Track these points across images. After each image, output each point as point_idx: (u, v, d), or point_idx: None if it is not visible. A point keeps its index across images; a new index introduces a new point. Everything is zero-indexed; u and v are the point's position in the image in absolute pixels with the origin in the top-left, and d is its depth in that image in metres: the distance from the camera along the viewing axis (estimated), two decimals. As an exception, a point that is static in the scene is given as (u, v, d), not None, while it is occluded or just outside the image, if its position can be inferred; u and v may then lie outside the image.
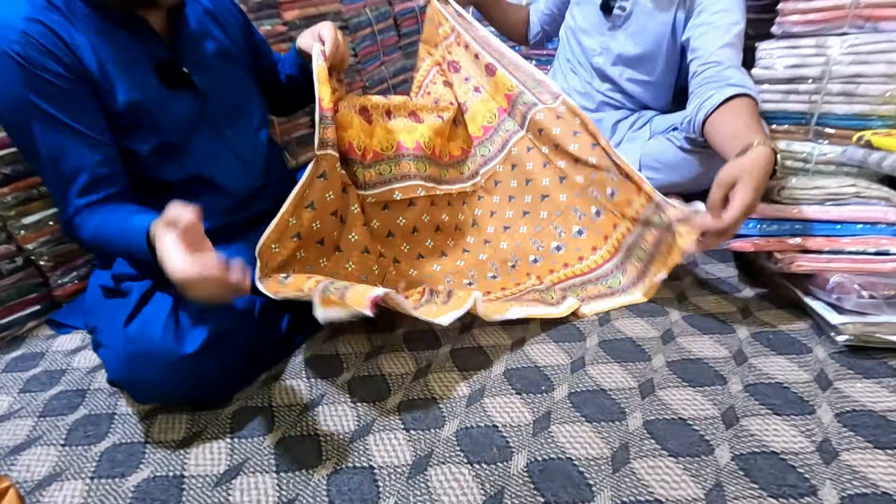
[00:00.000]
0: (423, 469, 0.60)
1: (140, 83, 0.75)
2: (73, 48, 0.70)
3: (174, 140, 0.78)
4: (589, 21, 1.22)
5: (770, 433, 0.61)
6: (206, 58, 0.84)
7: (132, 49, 0.75)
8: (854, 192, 0.86)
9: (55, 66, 0.68)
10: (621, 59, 1.18)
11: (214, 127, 0.83)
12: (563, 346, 0.80)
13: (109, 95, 0.73)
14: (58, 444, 0.69)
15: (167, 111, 0.78)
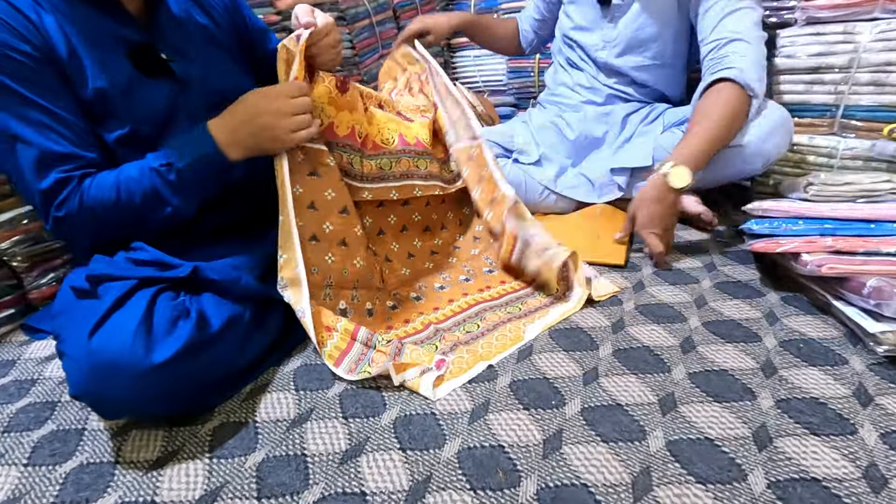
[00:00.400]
0: (422, 496, 0.54)
1: (112, 68, 0.70)
2: (40, 29, 0.66)
3: (145, 130, 0.74)
4: (587, 18, 1.17)
5: (809, 456, 0.55)
6: (188, 43, 0.79)
7: (104, 32, 0.70)
8: (890, 189, 0.79)
9: (23, 46, 0.65)
10: (627, 47, 1.13)
11: (194, 119, 0.76)
12: (574, 356, 0.73)
13: (79, 80, 0.69)
14: (20, 465, 0.63)
15: (140, 99, 0.73)
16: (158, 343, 0.58)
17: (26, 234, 0.92)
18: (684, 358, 0.71)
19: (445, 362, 0.72)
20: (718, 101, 0.91)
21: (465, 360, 0.74)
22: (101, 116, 0.71)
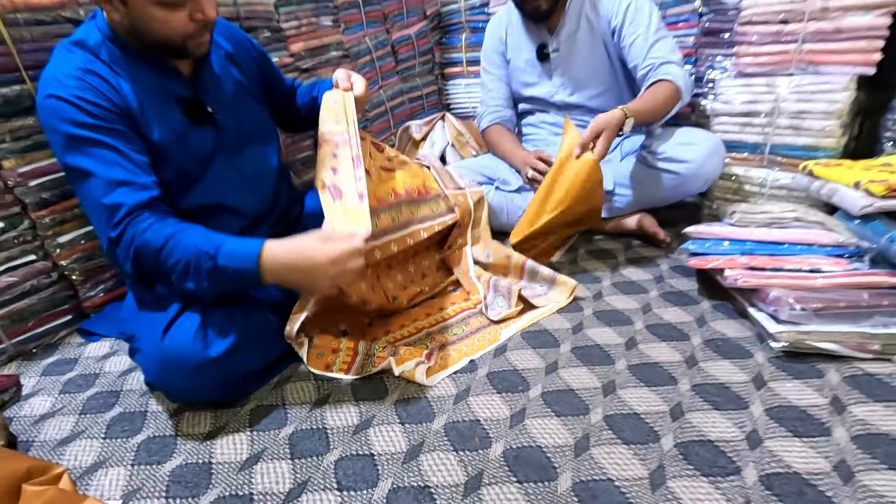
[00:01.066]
0: (416, 456, 0.71)
1: (170, 120, 0.86)
2: (116, 90, 0.81)
3: (194, 169, 0.89)
4: (534, 75, 1.38)
5: (709, 425, 0.73)
6: (225, 95, 0.95)
7: (163, 90, 0.85)
8: (794, 217, 0.98)
9: (105, 104, 0.79)
10: (576, 86, 1.33)
11: (230, 156, 0.93)
12: (539, 352, 0.91)
13: (146, 131, 0.83)
14: (99, 438, 0.80)
15: (191, 145, 0.89)
16: (213, 342, 0.76)
17: (83, 253, 1.09)
18: (627, 353, 0.89)
19: (433, 355, 0.89)
20: (659, 88, 1.14)
21: (451, 357, 0.91)
22: (161, 160, 0.86)
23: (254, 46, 1.05)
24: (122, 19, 0.77)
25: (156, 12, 0.75)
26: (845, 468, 0.64)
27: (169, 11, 0.76)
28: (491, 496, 0.64)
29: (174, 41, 0.79)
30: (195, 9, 0.77)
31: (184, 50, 0.82)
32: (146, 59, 0.84)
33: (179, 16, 0.77)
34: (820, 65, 1.08)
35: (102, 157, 0.78)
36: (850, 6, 1.02)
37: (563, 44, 1.31)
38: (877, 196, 0.88)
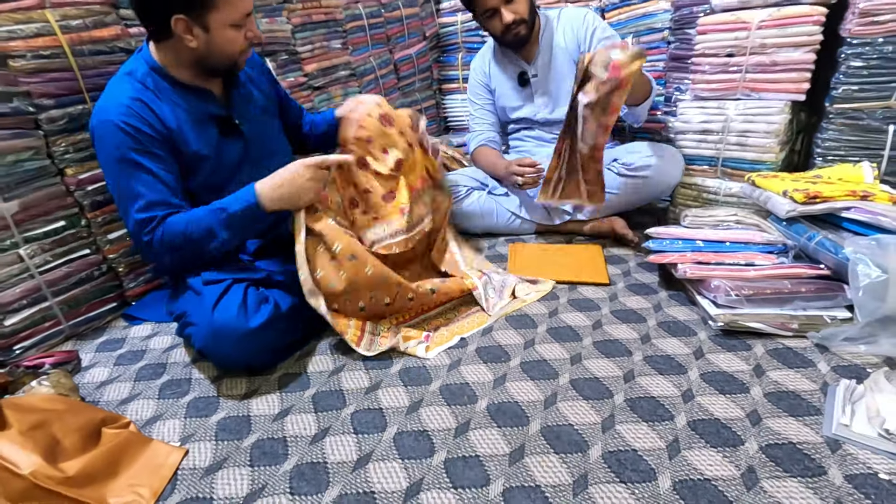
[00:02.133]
0: (416, 410, 0.88)
1: (204, 135, 1.04)
2: (160, 116, 0.99)
3: (224, 177, 1.07)
4: (517, 98, 1.59)
5: (653, 386, 0.90)
6: (250, 111, 1.13)
7: (199, 111, 1.04)
8: (735, 220, 1.16)
9: (148, 130, 0.97)
10: (555, 103, 1.53)
11: (254, 165, 1.11)
12: (520, 332, 1.08)
13: (182, 145, 1.01)
14: (153, 398, 0.96)
15: (223, 155, 1.07)
16: (252, 316, 0.93)
17: (127, 249, 1.26)
18: (593, 333, 1.07)
19: (430, 336, 1.07)
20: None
21: (446, 336, 1.09)
22: (194, 169, 1.04)
23: (266, 70, 1.24)
24: (199, 45, 0.97)
25: (229, 33, 0.97)
26: (756, 416, 0.82)
27: (237, 32, 0.98)
28: (476, 437, 0.81)
29: (234, 56, 1.01)
30: (248, 28, 1.00)
31: (236, 65, 1.03)
32: (184, 87, 1.02)
33: (240, 35, 0.99)
34: (760, 91, 1.27)
35: (139, 177, 0.96)
36: (782, 44, 1.21)
37: (541, 69, 1.50)
38: (798, 202, 1.06)
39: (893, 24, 1.11)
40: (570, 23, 1.49)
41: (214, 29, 0.95)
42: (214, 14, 0.94)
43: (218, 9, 0.94)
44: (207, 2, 0.92)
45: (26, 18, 1.05)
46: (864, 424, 0.76)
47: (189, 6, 0.92)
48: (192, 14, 0.93)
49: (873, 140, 1.20)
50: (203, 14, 0.93)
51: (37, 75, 1.07)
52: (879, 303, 0.89)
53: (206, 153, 1.04)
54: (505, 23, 1.39)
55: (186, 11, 0.92)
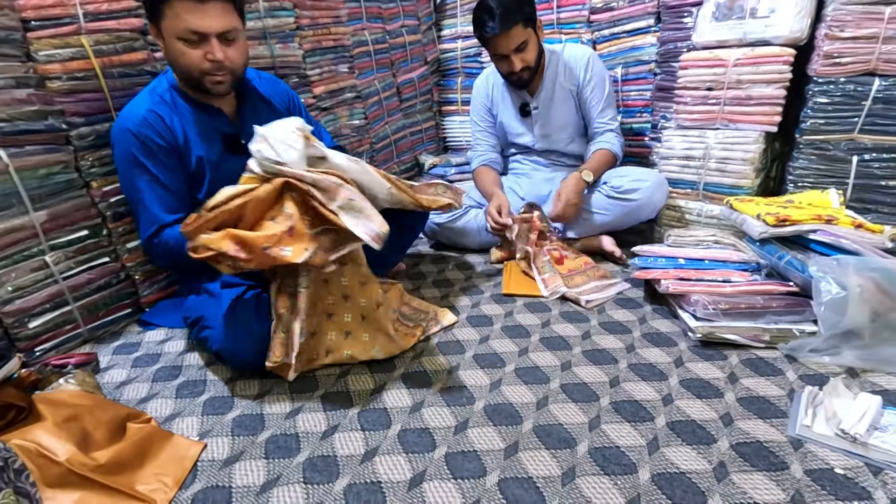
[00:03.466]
0: (419, 409, 0.95)
1: (209, 150, 1.14)
2: (171, 129, 1.10)
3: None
4: (518, 126, 1.70)
5: (636, 390, 0.98)
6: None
7: (208, 126, 1.14)
8: (714, 240, 1.26)
9: (159, 140, 1.08)
10: (552, 134, 1.64)
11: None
12: (515, 341, 1.16)
13: (187, 157, 1.12)
14: (171, 398, 1.03)
15: (225, 169, 1.14)
16: (265, 319, 1.00)
17: (143, 258, 1.33)
18: (582, 342, 1.15)
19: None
20: (602, 154, 1.55)
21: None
22: (199, 179, 1.13)
23: (291, 99, 1.32)
24: (165, 54, 1.06)
25: (177, 45, 1.02)
26: (728, 418, 0.90)
27: (187, 47, 1.01)
28: (474, 434, 0.89)
29: (193, 74, 1.05)
30: (207, 50, 1.02)
31: (201, 84, 1.07)
32: (197, 104, 1.13)
33: (196, 53, 1.02)
34: (737, 122, 1.38)
35: (148, 182, 1.08)
36: (756, 80, 1.32)
37: (542, 103, 1.61)
38: (770, 225, 1.16)
39: (854, 65, 1.23)
40: (572, 61, 1.59)
41: (167, 38, 1.03)
42: (164, 23, 1.01)
43: (165, 17, 1.00)
44: (158, 9, 1.00)
45: (63, 44, 1.13)
46: (823, 425, 0.84)
47: (150, 12, 1.03)
48: (153, 21, 1.03)
49: (839, 169, 1.31)
50: (157, 21, 1.02)
51: (70, 95, 1.15)
52: (840, 317, 0.98)
53: (208, 166, 1.13)
54: (512, 70, 1.49)
55: (150, 17, 1.04)
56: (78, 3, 1.14)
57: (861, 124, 1.25)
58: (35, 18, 1.10)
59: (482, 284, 1.45)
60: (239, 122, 1.18)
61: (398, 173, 2.24)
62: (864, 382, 0.97)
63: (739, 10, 1.33)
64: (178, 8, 0.98)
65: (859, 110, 1.25)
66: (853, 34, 1.21)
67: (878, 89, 1.23)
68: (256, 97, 1.23)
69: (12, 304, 1.10)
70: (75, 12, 1.15)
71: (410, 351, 1.14)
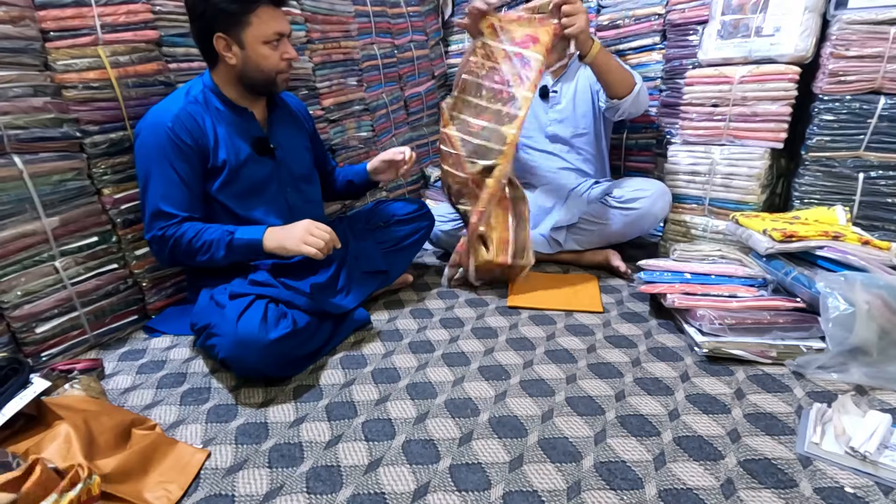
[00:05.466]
0: (423, 420, 0.95)
1: (238, 150, 1.18)
2: (203, 128, 1.14)
3: (254, 189, 1.20)
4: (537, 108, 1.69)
5: (642, 405, 0.97)
6: (286, 138, 1.27)
7: (240, 128, 1.19)
8: (720, 255, 1.26)
9: (188, 139, 1.12)
10: (566, 120, 1.64)
11: (281, 186, 1.24)
12: (520, 353, 1.16)
13: (214, 155, 1.15)
14: (176, 404, 1.03)
15: (251, 169, 1.19)
16: (272, 329, 1.01)
17: (152, 264, 1.34)
18: (587, 356, 1.14)
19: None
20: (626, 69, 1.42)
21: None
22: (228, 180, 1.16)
23: (308, 114, 1.39)
24: (238, 62, 1.11)
25: (263, 50, 1.11)
26: (735, 434, 0.89)
27: (271, 50, 1.11)
28: (479, 447, 0.88)
29: (271, 75, 1.14)
30: (284, 49, 1.14)
31: (275, 83, 1.16)
32: (230, 105, 1.18)
33: (276, 54, 1.12)
34: (743, 139, 1.38)
35: (170, 177, 1.12)
36: (761, 97, 1.33)
37: (563, 87, 1.63)
38: (776, 241, 1.16)
39: (859, 83, 1.24)
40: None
41: (249, 46, 1.10)
42: (248, 31, 1.08)
43: (252, 25, 1.08)
44: (242, 20, 1.07)
45: (81, 53, 1.16)
46: (832, 443, 0.83)
47: (227, 24, 1.08)
48: (230, 32, 1.09)
49: (846, 186, 1.31)
50: (239, 31, 1.08)
51: (86, 104, 1.17)
52: (848, 334, 0.98)
53: (233, 164, 1.17)
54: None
55: (225, 30, 1.08)
56: (96, 14, 1.17)
57: (867, 142, 1.26)
58: (54, 29, 1.12)
59: (487, 296, 1.45)
60: (268, 127, 1.25)
61: (404, 185, 2.26)
62: (873, 400, 0.96)
63: (745, 28, 1.34)
64: (264, 15, 1.08)
65: (865, 128, 1.25)
66: (858, 53, 1.22)
67: (883, 107, 1.23)
68: (284, 107, 1.31)
69: (21, 308, 1.10)
70: (93, 24, 1.17)
71: (414, 361, 1.14)
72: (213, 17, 1.08)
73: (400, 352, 1.18)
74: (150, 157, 1.11)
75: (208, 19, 1.08)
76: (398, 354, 1.17)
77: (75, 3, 1.14)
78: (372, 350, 1.19)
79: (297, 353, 1.08)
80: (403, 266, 1.47)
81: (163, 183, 1.11)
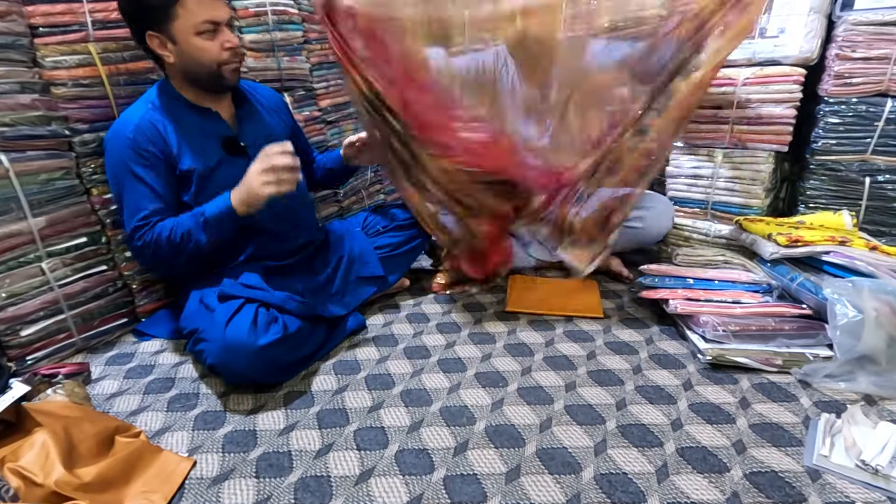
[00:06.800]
0: (417, 428, 0.92)
1: (207, 153, 1.13)
2: (164, 136, 1.09)
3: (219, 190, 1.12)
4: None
5: (644, 414, 0.94)
6: (258, 136, 1.20)
7: (206, 130, 1.14)
8: (723, 260, 1.23)
9: (150, 147, 1.08)
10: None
11: None
12: (518, 360, 1.13)
13: (179, 161, 1.10)
14: (162, 411, 1.00)
15: (225, 172, 1.13)
16: (261, 335, 0.97)
17: (141, 266, 1.31)
18: (587, 362, 1.11)
19: None
20: None
21: None
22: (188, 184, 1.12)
23: (283, 105, 1.35)
24: (176, 59, 1.06)
25: (197, 42, 1.04)
26: (741, 445, 0.86)
27: (206, 40, 1.04)
28: (474, 457, 0.85)
29: (212, 67, 1.07)
30: (224, 38, 1.05)
31: (220, 77, 1.09)
32: (194, 109, 1.13)
33: (214, 44, 1.05)
34: (746, 142, 1.36)
35: (138, 189, 1.08)
36: (765, 99, 1.31)
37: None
38: (781, 245, 1.13)
39: (865, 86, 1.22)
40: None
41: (181, 40, 1.03)
42: (177, 24, 1.01)
43: (179, 17, 1.01)
44: (168, 13, 1.01)
45: (71, 50, 1.13)
46: (842, 456, 0.80)
47: (155, 20, 1.02)
48: (159, 28, 1.02)
49: (852, 190, 1.28)
50: (167, 26, 1.02)
51: (75, 102, 1.15)
52: (856, 341, 0.95)
53: (202, 170, 1.12)
54: None
55: (154, 26, 1.03)
56: (87, 10, 1.15)
57: (874, 145, 1.23)
58: (43, 25, 1.10)
59: (485, 300, 1.42)
60: (237, 125, 1.19)
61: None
62: (883, 410, 0.93)
63: (748, 29, 1.32)
64: (190, 3, 1.01)
65: (872, 131, 1.23)
66: (864, 55, 1.20)
67: (891, 110, 1.21)
68: (252, 101, 1.24)
69: (5, 311, 1.07)
70: (84, 20, 1.15)
71: (409, 367, 1.11)
72: (140, 16, 1.03)
73: (395, 357, 1.15)
74: (118, 173, 1.08)
75: (137, 19, 1.04)
76: (393, 360, 1.14)
77: (66, -2, 1.12)
78: (366, 355, 1.16)
79: (287, 359, 1.05)
80: (401, 272, 1.44)
81: (134, 198, 1.08)
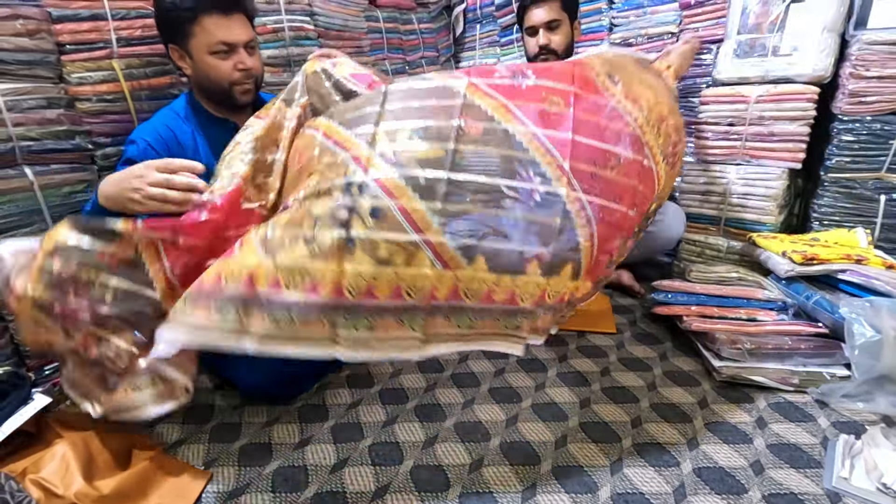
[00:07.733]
0: (432, 444, 0.92)
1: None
2: (179, 141, 1.11)
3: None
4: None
5: (659, 433, 0.93)
6: None
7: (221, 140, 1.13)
8: (737, 277, 1.22)
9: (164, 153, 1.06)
10: None
11: None
12: (531, 375, 1.13)
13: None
14: (178, 423, 1.00)
15: None
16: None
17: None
18: (601, 379, 1.11)
19: None
20: None
21: None
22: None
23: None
24: (192, 72, 1.09)
25: (210, 60, 1.07)
26: (759, 466, 0.85)
27: (219, 59, 1.07)
28: (490, 474, 0.85)
29: (224, 86, 1.10)
30: (237, 59, 1.08)
31: (231, 95, 1.11)
32: (213, 119, 1.16)
33: (227, 64, 1.07)
34: (759, 158, 1.36)
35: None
36: (778, 117, 1.31)
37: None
38: (797, 263, 1.13)
39: (879, 104, 1.22)
40: None
41: (196, 56, 1.07)
42: (193, 41, 1.05)
43: (195, 36, 1.05)
44: (186, 30, 1.04)
45: (96, 67, 1.16)
46: (863, 478, 0.79)
47: (175, 35, 1.06)
48: (179, 42, 1.07)
49: (867, 208, 1.28)
50: (186, 42, 1.06)
51: (99, 116, 1.18)
52: (874, 361, 0.94)
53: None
54: (539, 44, 1.49)
55: (175, 40, 1.07)
56: (112, 28, 1.18)
57: (889, 163, 1.23)
58: (70, 42, 1.13)
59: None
60: None
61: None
62: (903, 433, 0.92)
63: (761, 47, 1.33)
64: (207, 24, 1.03)
65: (887, 149, 1.22)
66: (879, 73, 1.20)
67: (905, 129, 1.21)
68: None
69: (26, 321, 1.09)
70: (109, 37, 1.18)
71: (423, 381, 1.11)
72: (163, 29, 1.09)
73: (408, 371, 1.15)
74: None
75: (161, 31, 1.10)
76: (406, 374, 1.14)
77: (92, 17, 1.15)
78: (379, 369, 1.16)
79: (302, 371, 1.06)
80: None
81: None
